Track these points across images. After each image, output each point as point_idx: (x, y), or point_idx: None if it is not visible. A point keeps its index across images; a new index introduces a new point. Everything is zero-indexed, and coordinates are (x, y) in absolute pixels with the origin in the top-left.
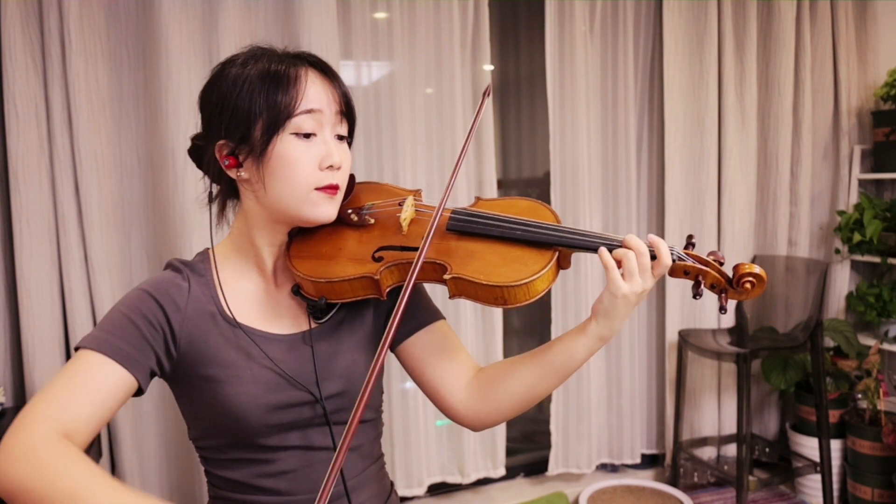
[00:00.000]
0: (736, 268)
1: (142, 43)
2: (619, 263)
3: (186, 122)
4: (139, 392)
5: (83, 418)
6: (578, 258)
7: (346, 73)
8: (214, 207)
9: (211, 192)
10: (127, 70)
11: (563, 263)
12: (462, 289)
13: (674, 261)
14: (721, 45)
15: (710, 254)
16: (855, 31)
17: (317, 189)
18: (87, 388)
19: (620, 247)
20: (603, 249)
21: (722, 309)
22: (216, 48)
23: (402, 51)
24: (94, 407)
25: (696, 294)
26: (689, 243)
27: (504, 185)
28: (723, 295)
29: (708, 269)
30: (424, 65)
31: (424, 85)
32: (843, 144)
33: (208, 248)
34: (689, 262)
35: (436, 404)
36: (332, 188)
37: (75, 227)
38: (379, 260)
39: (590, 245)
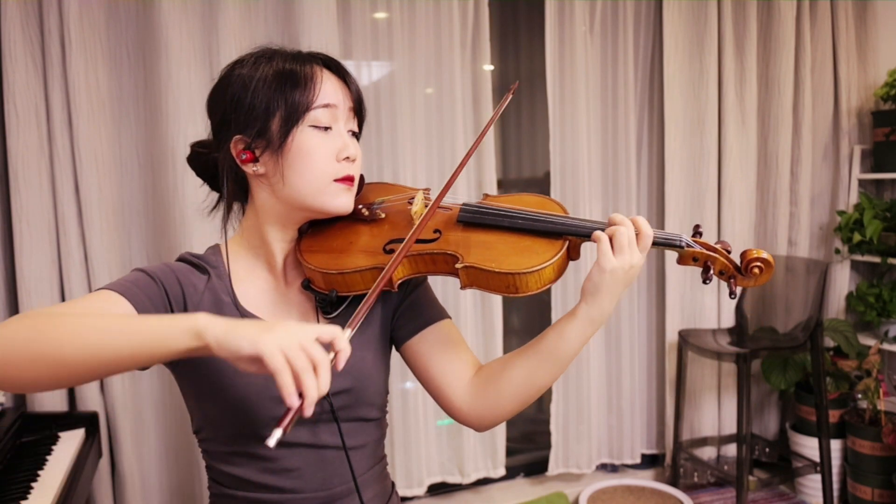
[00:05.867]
0: (744, 254)
1: (142, 43)
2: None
3: (186, 122)
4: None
5: None
6: (587, 253)
7: None
8: (223, 207)
9: (223, 192)
10: (127, 70)
11: (572, 254)
12: (474, 278)
13: (682, 247)
14: (721, 45)
15: (717, 242)
16: (855, 31)
17: (335, 180)
18: (94, 309)
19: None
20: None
21: (732, 294)
22: (216, 48)
23: (402, 51)
24: None
25: (706, 279)
26: (697, 232)
27: (504, 185)
28: (732, 281)
29: (716, 255)
30: (424, 65)
31: (424, 85)
32: (843, 144)
33: (218, 244)
34: (698, 249)
35: (439, 403)
36: (349, 179)
37: (75, 227)
38: (390, 252)
39: (591, 231)
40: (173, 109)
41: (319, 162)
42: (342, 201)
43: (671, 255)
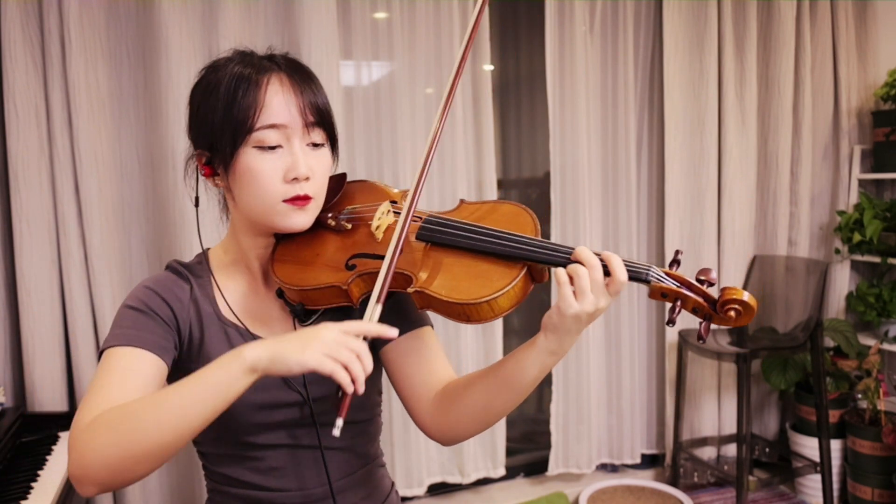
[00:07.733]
0: (723, 291)
1: (142, 43)
2: (570, 280)
3: (186, 122)
4: None
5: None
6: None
7: (346, 73)
8: (218, 209)
9: (197, 197)
10: (127, 70)
11: (536, 278)
12: (426, 302)
13: (650, 282)
14: (721, 45)
15: (700, 272)
16: (855, 31)
17: (284, 201)
18: (129, 377)
19: (571, 262)
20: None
21: (700, 339)
22: (216, 48)
23: (402, 51)
24: (140, 392)
25: (670, 321)
26: (675, 261)
27: (504, 185)
28: (703, 324)
29: (689, 292)
30: (424, 65)
31: (424, 85)
32: (843, 144)
33: (204, 251)
34: (667, 284)
35: (407, 411)
36: (299, 199)
37: (75, 227)
38: (352, 268)
39: (553, 260)
40: (173, 109)
41: (265, 184)
42: (294, 221)
43: (666, 258)
